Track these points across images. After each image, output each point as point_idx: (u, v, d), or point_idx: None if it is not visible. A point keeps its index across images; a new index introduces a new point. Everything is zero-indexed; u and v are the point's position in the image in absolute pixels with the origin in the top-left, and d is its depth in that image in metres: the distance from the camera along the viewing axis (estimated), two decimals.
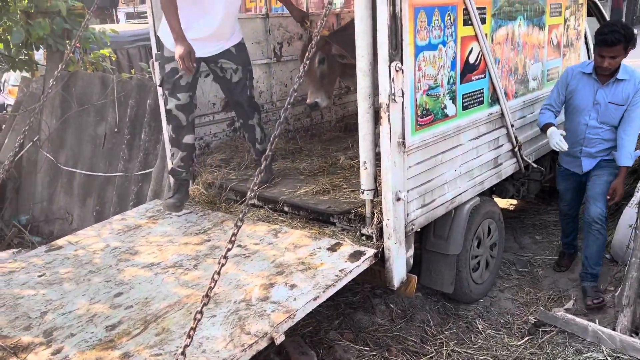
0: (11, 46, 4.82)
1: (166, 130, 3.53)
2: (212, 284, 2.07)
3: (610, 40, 3.21)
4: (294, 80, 2.49)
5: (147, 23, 9.04)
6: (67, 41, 4.80)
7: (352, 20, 3.64)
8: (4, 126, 5.52)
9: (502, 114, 3.48)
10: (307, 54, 3.20)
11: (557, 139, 3.38)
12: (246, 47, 3.55)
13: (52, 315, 2.45)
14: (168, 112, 3.34)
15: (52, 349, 2.20)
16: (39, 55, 5.84)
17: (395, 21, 2.56)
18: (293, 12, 3.76)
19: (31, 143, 3.38)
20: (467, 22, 3.02)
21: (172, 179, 3.56)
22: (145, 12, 10.18)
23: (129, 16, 10.23)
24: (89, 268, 2.88)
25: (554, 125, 3.47)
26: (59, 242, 3.31)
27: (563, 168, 3.74)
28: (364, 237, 2.95)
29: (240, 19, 4.13)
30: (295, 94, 2.37)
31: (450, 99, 3.03)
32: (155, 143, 4.92)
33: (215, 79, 3.60)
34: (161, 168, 4.81)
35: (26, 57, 4.91)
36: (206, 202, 3.67)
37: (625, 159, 3.38)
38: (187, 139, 3.41)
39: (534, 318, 3.40)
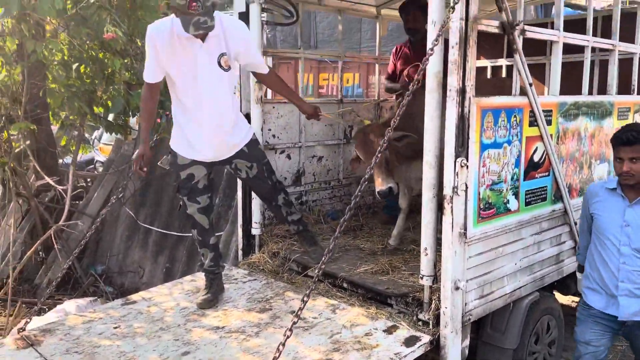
0: (110, 112, 5.39)
1: (193, 233, 3.49)
2: (277, 354, 2.21)
3: (627, 138, 2.65)
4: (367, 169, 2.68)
5: None
6: (160, 111, 5.32)
7: (394, 114, 3.94)
8: (90, 180, 6.07)
9: (566, 211, 3.53)
10: (373, 145, 3.51)
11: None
12: (259, 142, 3.53)
13: None
14: (190, 217, 3.36)
15: None
16: (132, 120, 6.46)
17: (462, 121, 2.75)
18: (302, 107, 3.64)
19: (116, 199, 3.74)
20: (533, 123, 3.17)
21: (204, 277, 3.52)
22: None
23: None
24: (160, 325, 3.10)
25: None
26: (134, 297, 3.57)
27: (589, 308, 2.87)
28: (420, 323, 3.02)
29: (318, 102, 4.48)
30: (365, 182, 2.56)
31: (513, 194, 3.14)
32: (228, 208, 5.25)
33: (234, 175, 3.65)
34: (230, 232, 5.11)
35: (122, 122, 5.47)
36: (269, 271, 3.87)
37: None
38: (213, 240, 3.44)
39: None
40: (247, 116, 4.00)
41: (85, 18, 4.57)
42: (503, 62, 5.23)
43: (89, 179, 6.30)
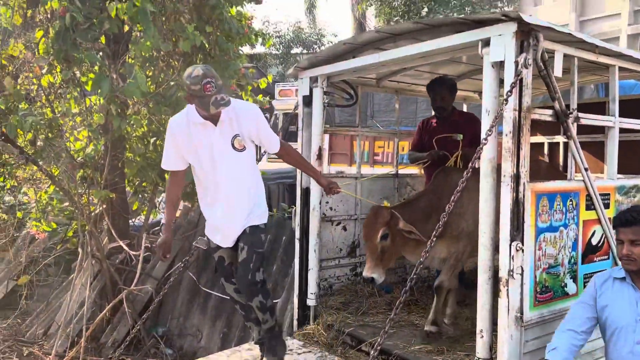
0: None
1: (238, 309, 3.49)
2: None
3: (626, 219, 2.48)
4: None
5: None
6: None
7: (420, 194, 3.99)
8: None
9: None
10: (372, 231, 3.52)
11: None
12: (264, 230, 3.32)
13: None
14: (230, 296, 3.42)
15: None
16: None
17: (517, 205, 2.82)
18: (320, 181, 3.59)
19: (181, 264, 4.00)
20: (590, 207, 3.19)
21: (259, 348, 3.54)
22: None
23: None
24: None
25: None
26: None
27: None
28: None
29: (373, 179, 4.67)
30: (421, 266, 2.66)
31: (571, 278, 3.12)
32: (285, 276, 5.40)
33: None
34: (286, 300, 5.23)
35: (190, 191, 5.83)
36: (324, 344, 3.93)
37: None
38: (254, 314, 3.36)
39: None
40: (307, 190, 4.22)
41: (165, 97, 5.04)
42: (560, 139, 5.25)
43: (154, 244, 6.65)
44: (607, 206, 3.30)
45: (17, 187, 6.06)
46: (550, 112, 3.02)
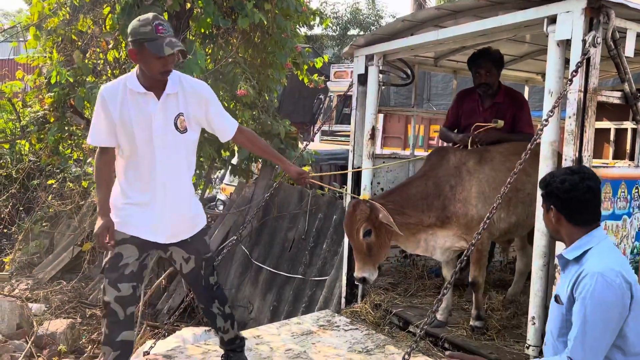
0: (237, 158, 5.91)
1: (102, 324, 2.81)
2: None
3: None
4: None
5: (339, 143, 10.00)
6: None
7: (411, 179, 3.68)
8: (212, 219, 6.61)
9: None
10: (353, 229, 3.27)
11: None
12: (206, 233, 3.04)
13: None
14: (106, 305, 2.70)
15: None
16: (254, 165, 6.99)
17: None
18: (288, 170, 3.14)
19: (235, 238, 4.12)
20: None
21: None
22: (339, 132, 11.25)
23: (324, 133, 11.52)
24: None
25: None
26: (244, 333, 3.81)
27: None
28: None
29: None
30: (469, 253, 2.61)
31: (633, 269, 2.98)
32: (334, 254, 5.44)
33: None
34: (335, 278, 5.27)
35: (245, 167, 5.96)
36: (371, 322, 3.95)
37: None
38: (124, 335, 2.72)
39: None
40: (359, 171, 4.21)
41: (222, 74, 5.13)
42: (629, 124, 5.00)
43: (209, 217, 6.87)
44: None
45: (83, 159, 6.37)
46: (618, 94, 2.87)
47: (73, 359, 4.23)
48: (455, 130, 4.14)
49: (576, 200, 2.04)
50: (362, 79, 4.17)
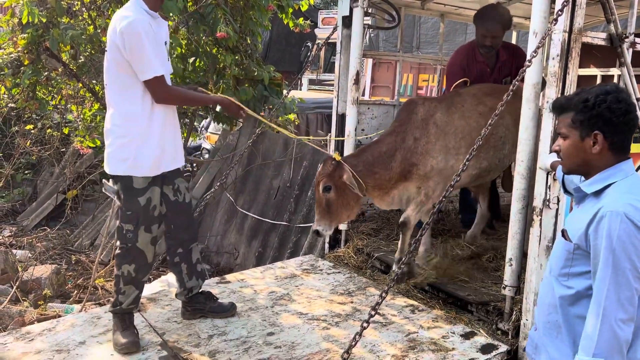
0: None
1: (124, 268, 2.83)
2: (353, 343, 2.36)
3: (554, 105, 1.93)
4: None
5: (327, 92, 9.88)
6: (264, 105, 5.66)
7: (381, 137, 3.55)
8: (197, 166, 6.57)
9: None
10: (317, 183, 3.31)
11: None
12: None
13: (216, 340, 2.93)
14: (134, 249, 2.78)
15: None
16: None
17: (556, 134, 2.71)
18: (231, 107, 2.99)
19: (220, 185, 4.10)
20: (638, 139, 3.03)
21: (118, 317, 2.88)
22: (326, 81, 11.10)
23: (311, 82, 11.34)
24: (250, 305, 3.37)
25: None
26: (229, 277, 3.88)
27: None
28: (499, 332, 3.03)
29: None
30: (444, 200, 2.62)
31: None
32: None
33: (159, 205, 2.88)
34: None
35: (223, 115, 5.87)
36: (353, 266, 4.02)
37: None
38: (146, 277, 2.94)
39: None
40: (343, 117, 4.16)
41: (203, 16, 4.97)
42: (615, 71, 4.94)
43: (195, 164, 6.82)
44: None
45: (64, 104, 6.23)
46: (604, 35, 2.82)
47: (58, 303, 4.27)
48: None
49: (631, 125, 1.72)
50: (347, 22, 4.06)
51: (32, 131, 6.49)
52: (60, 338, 2.92)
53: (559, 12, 2.55)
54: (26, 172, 6.71)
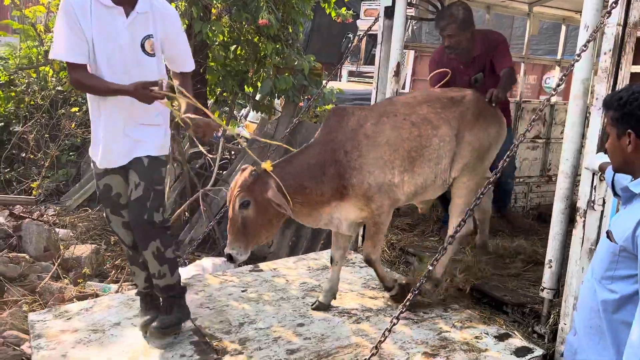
0: (258, 93, 5.84)
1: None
2: (382, 339, 2.33)
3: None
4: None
5: (366, 84, 9.80)
6: (303, 95, 5.65)
7: (307, 146, 3.02)
8: (235, 153, 6.62)
9: None
10: (231, 197, 2.72)
11: None
12: (163, 164, 2.74)
13: (247, 328, 2.96)
14: (116, 234, 2.85)
15: (244, 356, 2.68)
16: (277, 101, 6.91)
17: (605, 133, 2.59)
18: (137, 92, 2.50)
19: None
20: None
21: (140, 298, 2.94)
22: (366, 73, 10.99)
23: (351, 74, 11.25)
24: (281, 295, 3.38)
25: None
26: (262, 265, 3.91)
27: None
28: (535, 335, 2.95)
29: None
30: (488, 187, 2.54)
31: None
32: None
33: None
34: None
35: (268, 103, 5.88)
36: (386, 261, 3.98)
37: None
38: (143, 256, 2.77)
39: None
40: None
41: (246, 3, 4.98)
42: None
43: (233, 152, 6.87)
44: None
45: None
46: None
47: (97, 282, 4.39)
48: None
49: None
50: (389, 12, 3.98)
51: (78, 114, 6.66)
52: (96, 318, 3.00)
53: (614, 5, 2.43)
54: (71, 153, 6.89)
